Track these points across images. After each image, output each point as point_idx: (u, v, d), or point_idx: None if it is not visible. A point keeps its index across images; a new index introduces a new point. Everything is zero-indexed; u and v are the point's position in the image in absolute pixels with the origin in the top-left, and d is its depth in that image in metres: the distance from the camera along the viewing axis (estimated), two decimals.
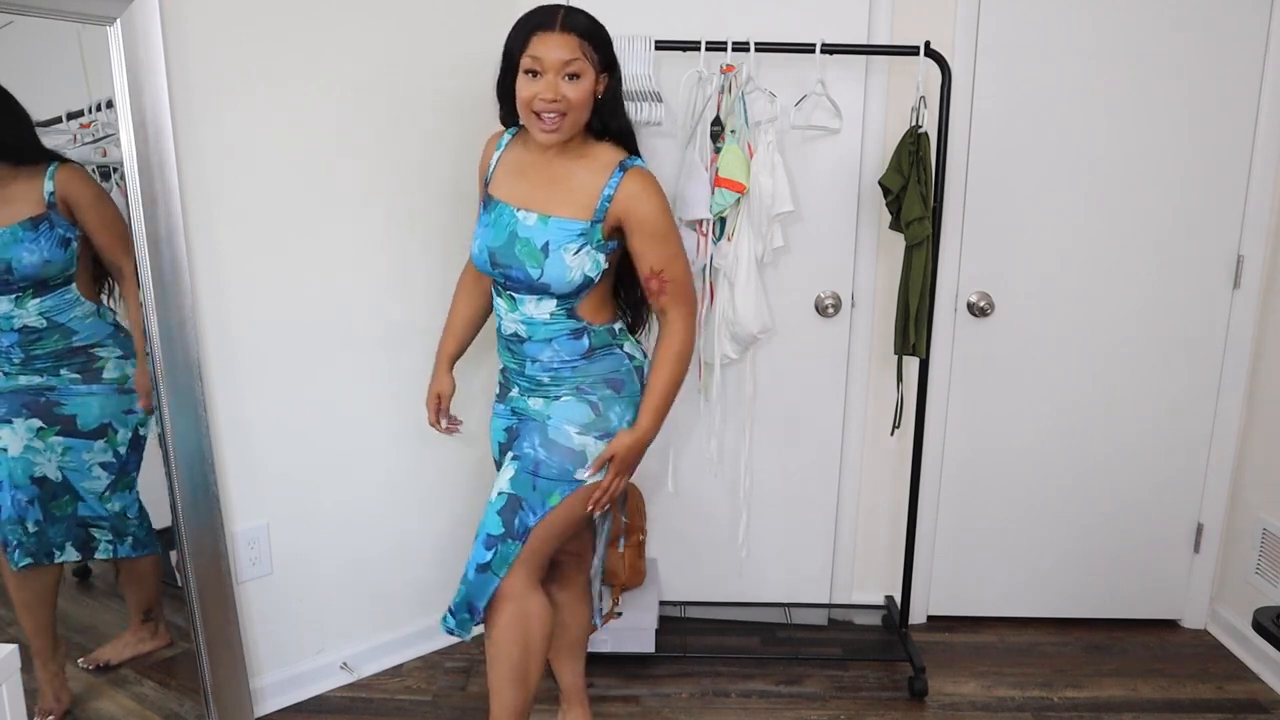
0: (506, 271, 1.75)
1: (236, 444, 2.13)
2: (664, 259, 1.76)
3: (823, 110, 2.27)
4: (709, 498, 2.66)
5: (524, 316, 1.78)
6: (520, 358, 1.83)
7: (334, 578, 2.35)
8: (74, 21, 1.78)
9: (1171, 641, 2.68)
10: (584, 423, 1.79)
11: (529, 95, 1.66)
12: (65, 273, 1.85)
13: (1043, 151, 2.45)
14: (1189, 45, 2.39)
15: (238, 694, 2.13)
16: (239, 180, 2.03)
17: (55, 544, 1.93)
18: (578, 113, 1.69)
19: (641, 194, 1.73)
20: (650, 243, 1.75)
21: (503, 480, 1.80)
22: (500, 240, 1.75)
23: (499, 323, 1.85)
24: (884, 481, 2.68)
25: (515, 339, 1.81)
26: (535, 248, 1.72)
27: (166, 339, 1.93)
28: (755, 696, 2.38)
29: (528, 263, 1.72)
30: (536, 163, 1.78)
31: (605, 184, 1.72)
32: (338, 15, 2.10)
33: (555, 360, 1.80)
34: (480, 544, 1.77)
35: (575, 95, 1.67)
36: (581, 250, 1.72)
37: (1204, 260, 2.52)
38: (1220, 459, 2.63)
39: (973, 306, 2.55)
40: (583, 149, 1.77)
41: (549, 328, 1.78)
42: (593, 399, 1.80)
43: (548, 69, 1.65)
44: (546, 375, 1.81)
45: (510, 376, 1.89)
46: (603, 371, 1.82)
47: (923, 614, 2.76)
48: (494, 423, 1.97)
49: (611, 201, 1.72)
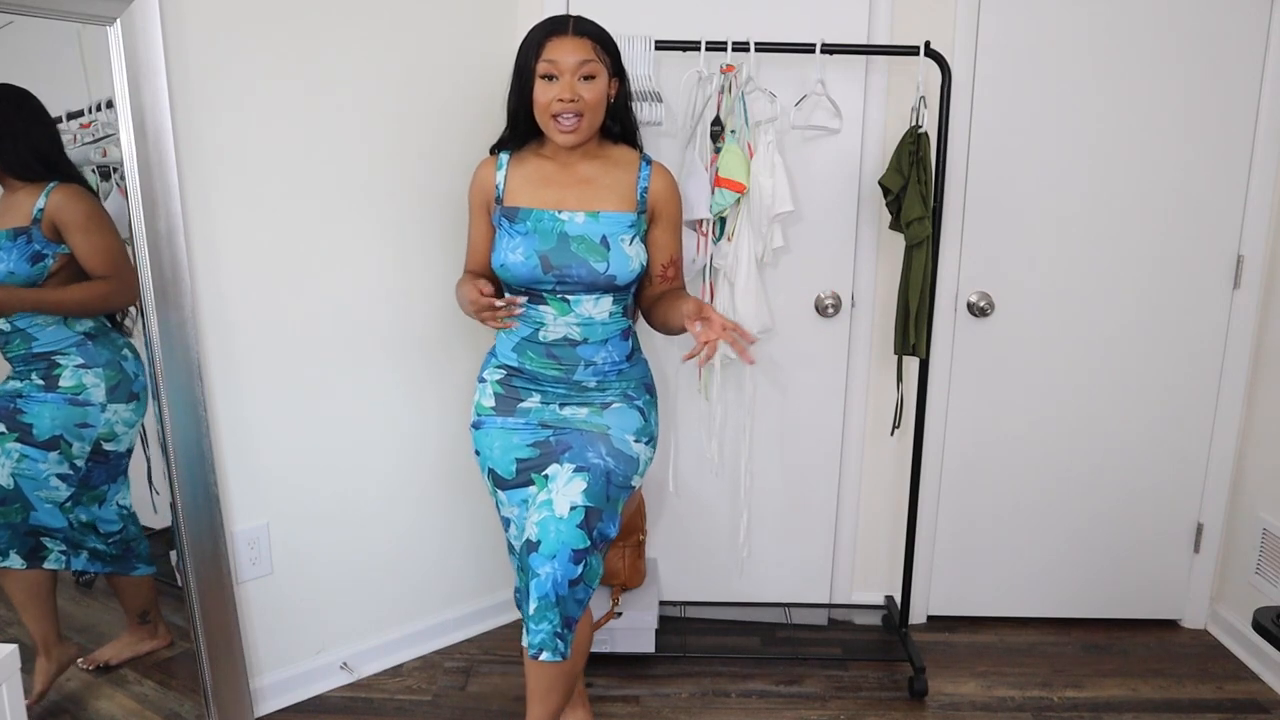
0: (565, 273, 1.77)
1: (236, 444, 2.13)
2: (678, 248, 1.92)
3: (823, 110, 2.27)
4: (709, 498, 2.66)
5: (581, 318, 1.80)
6: (569, 363, 1.82)
7: (334, 578, 2.35)
8: (74, 21, 1.78)
9: (1171, 641, 2.68)
10: (637, 430, 1.86)
11: (547, 99, 1.73)
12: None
13: (1043, 151, 2.45)
14: (1189, 45, 2.39)
15: (238, 694, 2.13)
16: (239, 180, 2.03)
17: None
18: (594, 113, 1.76)
19: (672, 186, 1.87)
20: (673, 233, 1.90)
21: (572, 493, 1.73)
22: (550, 243, 1.77)
23: (533, 332, 1.82)
24: (884, 481, 2.68)
25: (565, 344, 1.81)
26: (594, 243, 1.77)
27: (166, 339, 1.93)
28: (755, 696, 2.38)
29: (591, 258, 1.77)
30: (560, 169, 1.83)
31: (637, 178, 1.83)
32: (338, 16, 2.10)
33: (606, 363, 1.83)
34: (564, 560, 1.68)
35: (591, 96, 1.74)
36: (634, 241, 1.81)
37: (1204, 260, 2.52)
38: (1220, 459, 2.63)
39: (973, 306, 2.55)
40: (601, 150, 1.85)
41: (607, 327, 1.82)
42: (639, 404, 1.88)
43: (564, 71, 1.72)
44: (594, 380, 1.83)
45: (540, 386, 1.85)
46: (641, 375, 1.91)
47: (923, 614, 2.76)
48: (501, 439, 1.86)
49: (648, 193, 1.83)
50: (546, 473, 1.80)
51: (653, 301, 1.90)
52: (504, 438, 1.86)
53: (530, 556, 1.71)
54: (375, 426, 2.34)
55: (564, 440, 1.82)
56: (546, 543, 1.69)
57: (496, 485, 1.88)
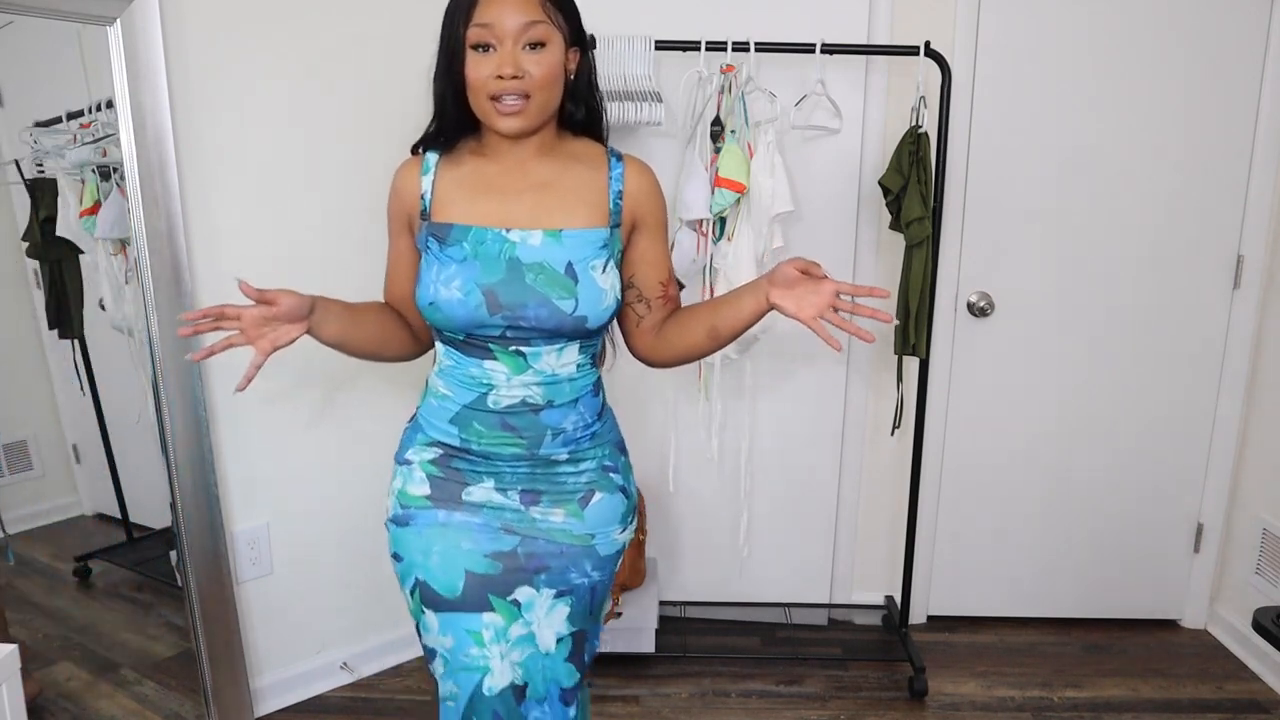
0: (518, 314, 1.31)
1: (236, 444, 2.13)
2: (668, 262, 1.47)
3: (823, 110, 2.27)
4: (709, 498, 2.66)
5: (543, 375, 1.36)
6: (531, 435, 1.37)
7: (334, 578, 2.35)
8: (74, 21, 1.78)
9: (1171, 641, 2.68)
10: (621, 516, 1.46)
11: (482, 75, 1.28)
12: None
13: (1043, 151, 2.45)
14: (1189, 45, 2.39)
15: (238, 694, 2.13)
16: (239, 180, 2.03)
17: None
18: (545, 93, 1.30)
19: (653, 182, 1.42)
20: (662, 245, 1.44)
21: (555, 621, 1.39)
22: (497, 274, 1.31)
23: (478, 397, 1.36)
24: (884, 481, 2.68)
25: (523, 410, 1.36)
26: (558, 272, 1.31)
27: (166, 338, 1.93)
28: (755, 696, 2.38)
29: (553, 294, 1.31)
30: (505, 171, 1.37)
31: (608, 178, 1.38)
32: (338, 16, 2.10)
33: (578, 428, 1.40)
34: (556, 702, 1.40)
35: (540, 70, 1.28)
36: (608, 266, 1.35)
37: (1204, 260, 2.52)
38: (1220, 459, 2.62)
39: (973, 306, 2.55)
40: (560, 145, 1.40)
41: (575, 384, 1.39)
42: (619, 480, 1.46)
43: (503, 36, 1.27)
44: (565, 451, 1.40)
45: (494, 466, 1.39)
46: (613, 435, 1.49)
47: (923, 614, 2.76)
48: (441, 542, 1.38)
49: (624, 198, 1.38)
50: (516, 598, 1.37)
51: (653, 333, 1.46)
52: (447, 540, 1.38)
53: (516, 705, 1.37)
54: (375, 426, 2.34)
55: (536, 554, 1.39)
56: (534, 685, 1.37)
57: (426, 604, 1.38)
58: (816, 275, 1.28)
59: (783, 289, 1.30)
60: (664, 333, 1.45)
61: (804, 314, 1.28)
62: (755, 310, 1.34)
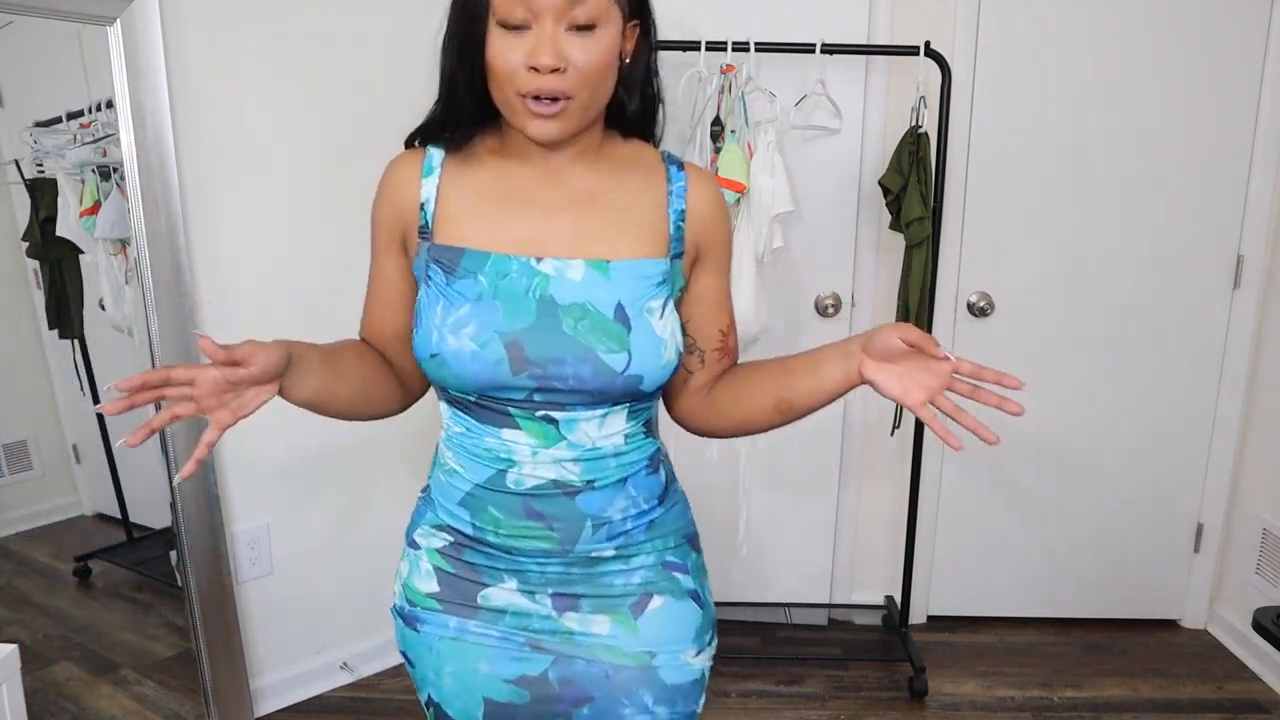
0: (550, 373, 0.99)
1: (236, 444, 2.13)
2: (730, 304, 1.14)
3: (823, 110, 2.27)
4: (709, 497, 2.65)
5: (581, 449, 1.03)
6: (566, 526, 1.05)
7: (334, 577, 2.35)
8: (74, 21, 1.78)
9: (1171, 641, 2.68)
10: (696, 632, 1.12)
11: (510, 63, 0.95)
12: None
13: (1042, 151, 2.45)
14: (1189, 45, 2.39)
15: (238, 694, 2.13)
16: (239, 180, 2.03)
17: None
18: (593, 89, 0.97)
19: (723, 205, 1.11)
20: (726, 283, 1.12)
21: None
22: (525, 319, 0.99)
23: (496, 475, 1.05)
24: (884, 481, 2.68)
25: (554, 493, 1.04)
26: (605, 316, 1.00)
27: (166, 338, 1.93)
28: (755, 696, 2.38)
29: (599, 346, 0.99)
30: (537, 180, 1.05)
31: (667, 193, 1.06)
32: (338, 16, 2.10)
33: (629, 517, 1.08)
34: None
35: (588, 59, 0.95)
36: (667, 309, 1.03)
37: (1204, 260, 2.52)
38: (1220, 459, 2.62)
39: (973, 306, 2.55)
40: (607, 145, 1.08)
41: (623, 460, 1.06)
42: (689, 581, 1.14)
43: (540, 12, 0.93)
44: (612, 547, 1.08)
45: (516, 563, 1.07)
46: (680, 523, 1.18)
47: (923, 614, 2.76)
48: (456, 660, 1.10)
49: (687, 219, 1.06)
50: None
51: (703, 394, 1.13)
52: (463, 658, 1.09)
53: None
54: (375, 425, 2.34)
55: (574, 680, 1.07)
56: None
57: None
58: (930, 351, 0.99)
59: (881, 360, 1.01)
60: (716, 396, 1.13)
61: (910, 398, 1.01)
62: (843, 383, 1.04)
